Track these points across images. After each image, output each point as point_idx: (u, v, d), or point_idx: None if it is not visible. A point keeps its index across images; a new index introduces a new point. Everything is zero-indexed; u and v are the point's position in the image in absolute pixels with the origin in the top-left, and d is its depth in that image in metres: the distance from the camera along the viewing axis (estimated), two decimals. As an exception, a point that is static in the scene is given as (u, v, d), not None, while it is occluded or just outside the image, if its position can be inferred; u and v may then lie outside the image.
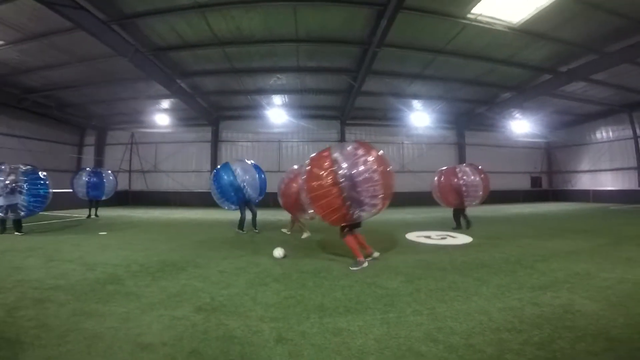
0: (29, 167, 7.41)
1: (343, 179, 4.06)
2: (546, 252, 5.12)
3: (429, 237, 6.95)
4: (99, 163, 18.84)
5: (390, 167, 4.50)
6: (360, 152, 4.25)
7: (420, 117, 17.88)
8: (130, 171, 19.60)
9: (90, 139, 20.86)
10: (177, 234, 7.77)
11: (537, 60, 12.49)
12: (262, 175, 8.00)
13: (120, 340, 2.21)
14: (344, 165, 4.12)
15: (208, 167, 18.21)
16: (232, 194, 7.31)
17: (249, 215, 7.60)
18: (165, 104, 17.52)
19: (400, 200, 11.21)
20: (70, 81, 14.40)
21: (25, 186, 6.92)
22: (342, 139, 18.50)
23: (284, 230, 7.68)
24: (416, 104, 17.32)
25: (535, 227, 8.66)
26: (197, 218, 11.47)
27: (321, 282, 3.67)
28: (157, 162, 19.83)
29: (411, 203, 16.29)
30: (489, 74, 13.69)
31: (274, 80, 14.39)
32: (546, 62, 12.69)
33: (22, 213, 6.97)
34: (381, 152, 4.55)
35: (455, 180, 7.73)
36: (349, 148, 4.36)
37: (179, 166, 19.50)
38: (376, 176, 4.12)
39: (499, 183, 18.54)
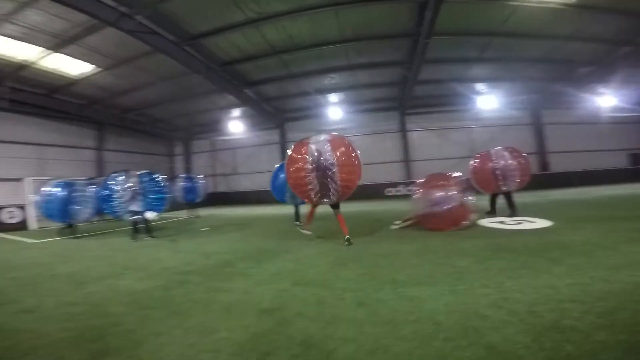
0: (146, 171, 8.24)
1: (313, 166, 5.29)
2: (635, 234, 4.69)
3: (502, 222, 6.81)
4: (188, 170, 21.79)
5: (354, 161, 5.53)
6: (328, 147, 5.39)
7: (488, 100, 17.09)
8: (214, 175, 22.27)
9: (179, 149, 24.19)
10: (262, 227, 8.96)
11: (610, 34, 11.38)
12: None
13: (247, 307, 3.00)
14: (316, 154, 5.34)
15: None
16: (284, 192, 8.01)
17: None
18: (237, 112, 19.49)
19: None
20: (157, 99, 16.98)
21: (147, 189, 7.86)
22: (402, 129, 18.63)
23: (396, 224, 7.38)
24: (480, 87, 16.67)
25: (627, 208, 7.72)
26: (274, 213, 12.69)
27: (392, 262, 4.18)
28: (236, 166, 22.18)
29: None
30: (556, 50, 12.77)
31: (328, 79, 15.08)
32: (621, 35, 11.51)
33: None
34: (344, 148, 5.53)
35: (490, 164, 7.56)
36: (322, 138, 5.59)
37: (254, 167, 21.52)
38: (335, 168, 5.24)
39: (585, 163, 17.06)
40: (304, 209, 7.96)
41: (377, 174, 17.45)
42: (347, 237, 5.50)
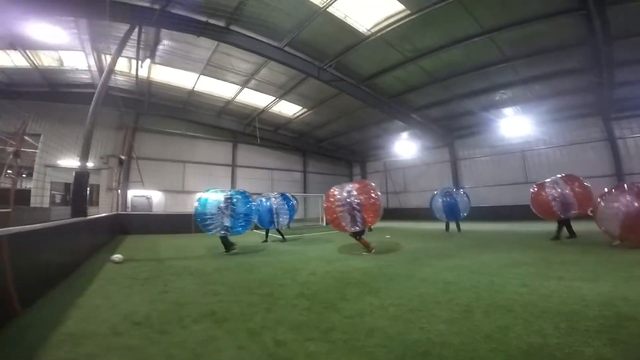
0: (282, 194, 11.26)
1: (342, 205, 7.32)
2: None
3: None
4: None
5: (375, 198, 7.33)
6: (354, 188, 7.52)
7: None
8: (387, 193, 24.92)
9: (356, 170, 28.39)
10: (427, 238, 10.31)
11: None
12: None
13: (436, 279, 4.67)
14: (344, 195, 7.41)
15: (450, 184, 20.14)
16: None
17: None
18: (405, 135, 21.52)
19: None
20: (341, 129, 21.15)
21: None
22: (610, 137, 15.19)
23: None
24: None
25: None
26: (438, 227, 13.42)
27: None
28: (406, 184, 24.09)
29: None
30: None
31: (499, 96, 14.81)
32: None
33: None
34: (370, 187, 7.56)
35: (544, 193, 8.23)
36: (348, 187, 7.56)
37: (423, 185, 22.74)
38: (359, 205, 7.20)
39: None
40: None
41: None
42: (371, 251, 7.35)
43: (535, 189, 8.79)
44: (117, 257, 6.70)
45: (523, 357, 2.21)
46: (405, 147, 22.26)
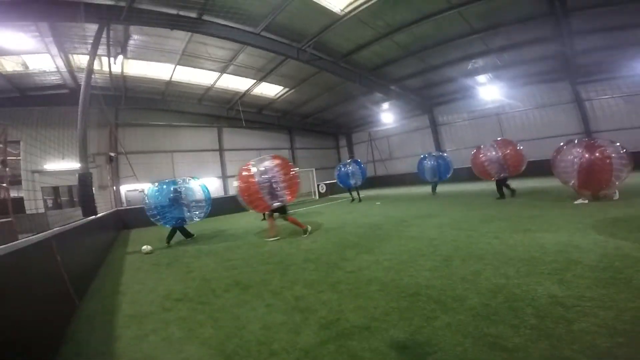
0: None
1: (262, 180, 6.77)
2: None
3: None
4: (352, 158, 26.16)
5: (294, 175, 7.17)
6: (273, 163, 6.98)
7: None
8: (374, 161, 25.73)
9: (342, 142, 28.93)
10: (423, 200, 11.21)
11: None
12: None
13: (422, 237, 5.45)
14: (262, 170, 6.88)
15: (433, 148, 20.99)
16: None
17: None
18: (386, 105, 22.01)
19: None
20: (324, 105, 21.50)
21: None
22: (577, 100, 16.08)
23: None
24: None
25: None
26: (424, 191, 14.44)
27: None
28: (391, 151, 24.91)
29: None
30: None
31: (471, 65, 15.54)
32: None
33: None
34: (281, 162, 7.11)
35: (481, 156, 9.28)
36: (267, 162, 7.01)
37: (407, 151, 23.61)
38: (281, 180, 6.83)
39: None
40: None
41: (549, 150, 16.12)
42: (306, 229, 6.99)
43: (474, 152, 9.77)
44: (146, 248, 7.01)
45: (490, 294, 2.84)
46: (387, 116, 22.89)
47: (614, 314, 2.21)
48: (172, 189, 7.76)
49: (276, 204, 6.94)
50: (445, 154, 13.43)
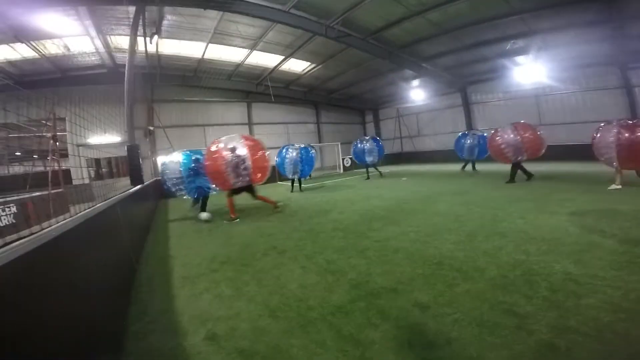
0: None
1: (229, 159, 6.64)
2: None
3: None
4: (377, 134, 25.88)
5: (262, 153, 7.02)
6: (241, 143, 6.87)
7: None
8: (401, 137, 25.36)
9: (369, 117, 28.57)
10: (441, 178, 11.21)
11: None
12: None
13: (449, 213, 5.61)
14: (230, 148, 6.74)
15: (464, 127, 20.31)
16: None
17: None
18: (416, 82, 21.30)
19: None
20: (351, 80, 21.16)
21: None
22: (627, 85, 14.69)
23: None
24: None
25: None
26: (455, 169, 14.18)
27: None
28: (420, 128, 24.35)
29: None
30: None
31: (510, 45, 14.52)
32: None
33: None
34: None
35: (497, 139, 8.98)
36: (235, 142, 6.90)
37: (438, 129, 22.99)
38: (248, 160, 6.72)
39: None
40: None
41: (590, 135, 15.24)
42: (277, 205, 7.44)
43: (491, 135, 9.54)
44: (205, 215, 7.28)
45: (509, 267, 3.04)
46: (417, 93, 22.10)
47: (621, 293, 2.36)
48: (193, 158, 7.64)
49: (238, 184, 6.89)
50: (485, 134, 13.05)
